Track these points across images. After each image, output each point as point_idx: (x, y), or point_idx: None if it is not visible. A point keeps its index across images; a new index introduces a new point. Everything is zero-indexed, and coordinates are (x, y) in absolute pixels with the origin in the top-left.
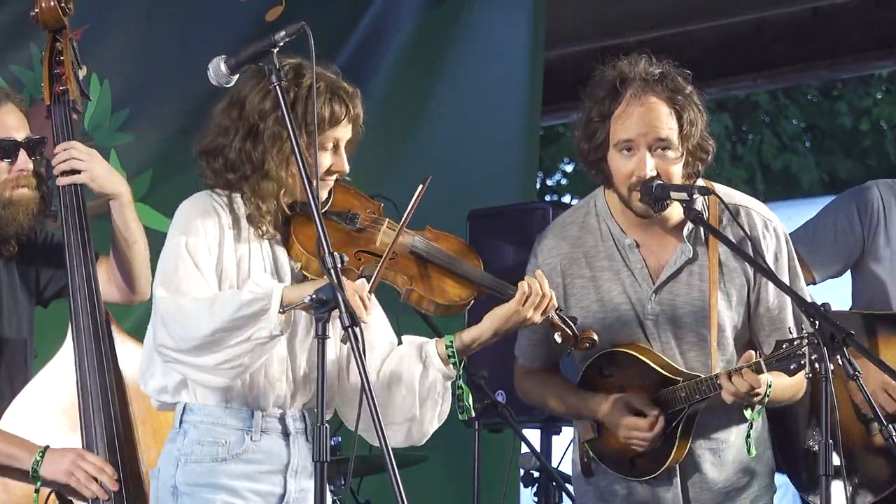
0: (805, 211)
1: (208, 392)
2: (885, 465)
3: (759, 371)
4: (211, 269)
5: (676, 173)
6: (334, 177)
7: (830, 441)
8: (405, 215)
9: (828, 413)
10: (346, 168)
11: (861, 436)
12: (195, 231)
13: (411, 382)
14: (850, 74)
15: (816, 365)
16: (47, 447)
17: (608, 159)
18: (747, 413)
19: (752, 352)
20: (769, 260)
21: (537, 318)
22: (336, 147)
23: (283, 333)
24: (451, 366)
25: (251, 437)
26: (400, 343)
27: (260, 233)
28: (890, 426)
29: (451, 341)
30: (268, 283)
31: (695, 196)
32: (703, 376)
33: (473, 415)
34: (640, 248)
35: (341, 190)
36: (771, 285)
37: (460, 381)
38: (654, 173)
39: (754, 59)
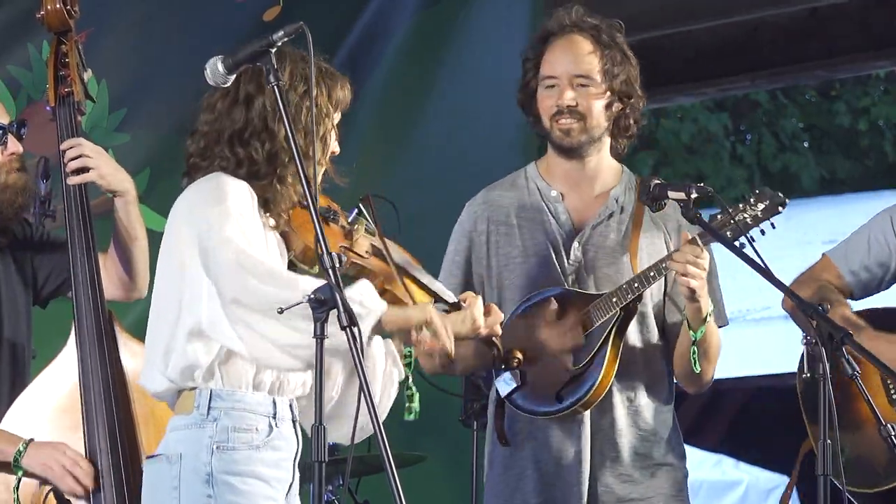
0: (804, 210)
1: (238, 377)
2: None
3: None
4: (264, 247)
5: (596, 108)
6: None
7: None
8: (374, 222)
9: (825, 413)
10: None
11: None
12: (239, 203)
13: (373, 373)
14: (847, 75)
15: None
16: (31, 440)
17: (537, 100)
18: (691, 333)
19: (687, 232)
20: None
21: (485, 332)
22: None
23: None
24: (406, 366)
25: (276, 424)
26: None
27: (280, 222)
28: (889, 425)
29: None
30: (373, 300)
31: (692, 195)
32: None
33: (418, 418)
34: (566, 201)
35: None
36: None
37: (410, 382)
38: (574, 104)
39: (752, 60)
